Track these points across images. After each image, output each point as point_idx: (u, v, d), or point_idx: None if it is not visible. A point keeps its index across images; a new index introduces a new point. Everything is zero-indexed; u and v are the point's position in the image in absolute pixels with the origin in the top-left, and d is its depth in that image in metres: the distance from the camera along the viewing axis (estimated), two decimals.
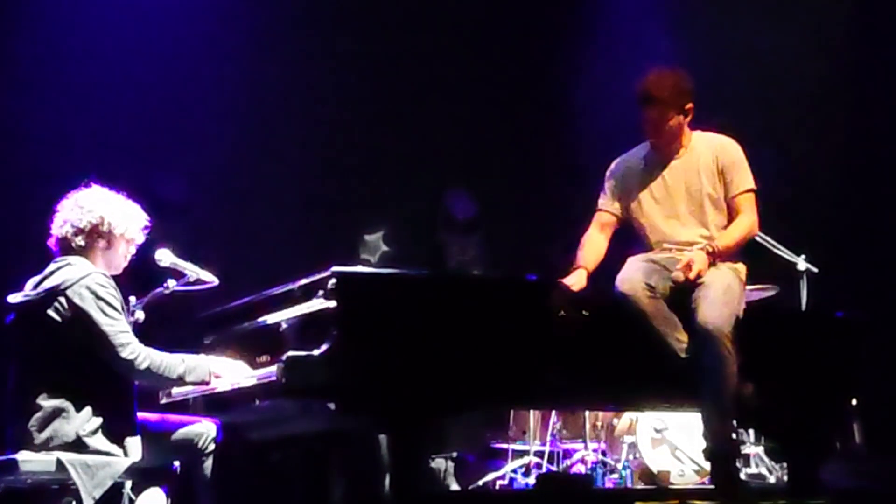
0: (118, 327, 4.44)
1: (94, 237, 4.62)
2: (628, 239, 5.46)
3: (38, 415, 4.39)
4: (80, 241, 4.61)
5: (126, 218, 4.68)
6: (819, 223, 7.88)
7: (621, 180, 5.46)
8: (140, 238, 4.76)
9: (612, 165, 5.53)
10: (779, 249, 6.80)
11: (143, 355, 4.45)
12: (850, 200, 8.03)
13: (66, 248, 4.62)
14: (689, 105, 5.32)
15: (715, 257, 5.14)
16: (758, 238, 6.44)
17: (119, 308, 4.49)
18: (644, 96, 5.30)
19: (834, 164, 8.11)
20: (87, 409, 4.41)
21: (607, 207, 5.47)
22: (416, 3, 8.19)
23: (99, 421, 4.41)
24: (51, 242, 4.67)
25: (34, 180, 6.19)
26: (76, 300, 4.41)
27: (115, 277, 4.57)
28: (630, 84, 5.37)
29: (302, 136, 7.79)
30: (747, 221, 5.30)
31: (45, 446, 4.35)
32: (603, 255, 5.39)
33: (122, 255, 4.72)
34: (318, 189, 7.71)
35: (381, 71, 8.11)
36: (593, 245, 5.42)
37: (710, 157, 5.33)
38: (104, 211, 4.62)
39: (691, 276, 5.04)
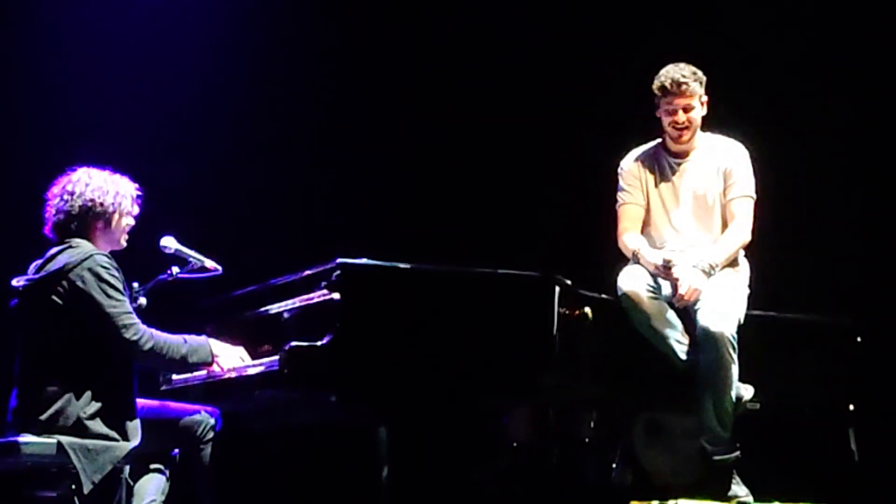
0: (122, 308, 4.44)
1: (91, 219, 4.60)
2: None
3: (41, 398, 4.39)
4: (76, 225, 4.60)
5: (117, 194, 4.65)
6: (817, 228, 7.87)
7: (637, 174, 5.37)
8: (135, 209, 4.74)
9: (625, 161, 5.44)
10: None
11: (147, 336, 4.46)
12: (851, 205, 8.00)
13: (64, 234, 4.61)
14: (706, 99, 5.29)
15: (710, 275, 5.09)
16: None
17: (121, 289, 4.48)
18: (674, 85, 5.17)
19: (827, 163, 8.04)
20: (88, 393, 4.41)
21: (636, 201, 5.35)
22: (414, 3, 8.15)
23: (99, 405, 4.41)
24: (47, 231, 4.66)
25: (35, 164, 6.18)
26: (79, 283, 4.42)
27: (118, 262, 4.57)
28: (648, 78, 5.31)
29: (310, 127, 7.78)
30: (741, 231, 5.22)
31: (47, 429, 4.35)
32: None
33: (122, 230, 4.71)
34: (325, 181, 7.70)
35: (389, 67, 8.09)
36: (638, 236, 5.30)
37: (716, 160, 5.31)
38: (94, 192, 4.60)
39: (688, 298, 5.02)
